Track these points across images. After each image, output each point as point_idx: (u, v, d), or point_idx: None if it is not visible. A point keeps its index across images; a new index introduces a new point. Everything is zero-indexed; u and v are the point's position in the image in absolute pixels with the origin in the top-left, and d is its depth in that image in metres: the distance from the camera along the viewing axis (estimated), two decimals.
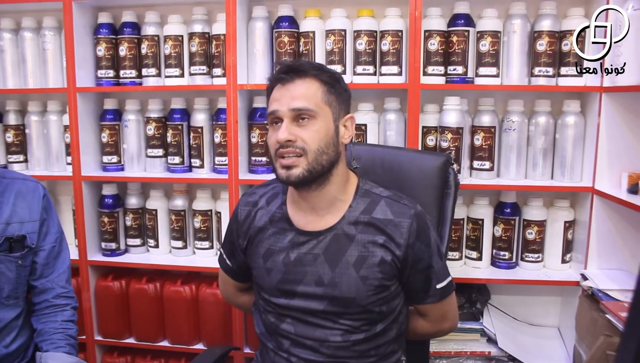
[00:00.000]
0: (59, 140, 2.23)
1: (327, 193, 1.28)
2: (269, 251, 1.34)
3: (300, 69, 1.24)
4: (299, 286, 1.30)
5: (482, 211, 1.99)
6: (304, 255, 1.30)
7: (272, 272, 1.33)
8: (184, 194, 2.19)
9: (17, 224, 1.44)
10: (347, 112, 1.30)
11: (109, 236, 2.20)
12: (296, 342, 1.32)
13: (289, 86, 1.23)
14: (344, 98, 1.29)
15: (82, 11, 2.10)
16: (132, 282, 2.20)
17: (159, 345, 2.21)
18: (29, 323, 1.52)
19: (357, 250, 1.27)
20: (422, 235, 1.28)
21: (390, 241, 1.26)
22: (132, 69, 2.13)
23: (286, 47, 1.97)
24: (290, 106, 1.21)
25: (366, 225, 1.28)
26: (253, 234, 1.38)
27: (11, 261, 1.43)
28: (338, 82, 1.28)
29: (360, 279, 1.26)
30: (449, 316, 1.41)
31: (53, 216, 1.54)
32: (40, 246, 1.49)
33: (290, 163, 1.21)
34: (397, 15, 1.92)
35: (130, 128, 2.16)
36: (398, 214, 1.28)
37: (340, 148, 1.28)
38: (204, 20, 2.07)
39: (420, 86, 1.86)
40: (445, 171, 1.53)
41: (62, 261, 1.54)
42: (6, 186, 1.46)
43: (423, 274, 1.31)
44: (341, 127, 1.27)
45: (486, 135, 1.91)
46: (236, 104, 1.96)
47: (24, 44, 2.18)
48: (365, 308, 1.28)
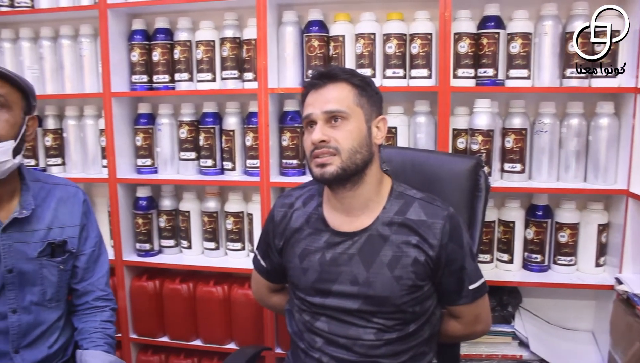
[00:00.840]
0: (95, 144, 2.29)
1: (361, 194, 1.32)
2: (305, 251, 1.38)
3: (332, 74, 1.30)
4: (334, 286, 1.33)
5: (514, 213, 1.98)
6: (339, 255, 1.33)
7: (308, 272, 1.36)
8: (216, 197, 2.23)
9: (58, 229, 1.49)
10: (379, 114, 1.35)
11: (143, 237, 2.25)
12: (329, 340, 1.34)
13: (322, 91, 1.29)
14: (375, 101, 1.33)
15: (117, 18, 2.16)
16: (166, 282, 2.25)
17: (192, 344, 2.25)
18: (69, 323, 1.57)
19: (391, 250, 1.30)
20: (455, 236, 1.31)
21: (424, 242, 1.29)
22: (165, 74, 2.17)
23: (316, 51, 1.98)
24: (323, 109, 1.27)
25: (400, 226, 1.31)
26: (289, 234, 1.42)
27: (53, 266, 1.48)
28: (369, 85, 1.33)
29: (394, 279, 1.29)
30: (482, 319, 1.42)
31: (92, 220, 1.59)
32: (81, 251, 1.54)
33: (324, 161, 1.26)
34: (426, 18, 1.92)
35: (163, 132, 2.21)
36: (431, 215, 1.31)
37: (374, 148, 1.32)
38: (235, 26, 2.10)
39: (450, 89, 1.86)
40: (476, 173, 1.54)
41: (102, 264, 1.59)
42: (48, 192, 1.51)
43: (456, 275, 1.33)
44: (373, 128, 1.32)
45: (517, 137, 1.90)
46: (267, 107, 1.99)
47: (62, 51, 2.25)
48: (399, 308, 1.30)
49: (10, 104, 1.34)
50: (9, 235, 1.41)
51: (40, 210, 1.47)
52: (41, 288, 1.47)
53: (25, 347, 1.45)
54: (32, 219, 1.45)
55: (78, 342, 1.54)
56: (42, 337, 1.48)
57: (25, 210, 1.43)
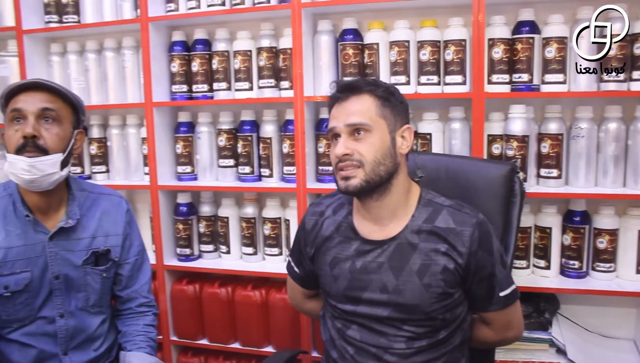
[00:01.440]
0: (137, 152, 2.37)
1: (388, 203, 1.33)
2: (335, 259, 1.39)
3: (354, 86, 1.31)
4: (364, 293, 1.34)
5: (550, 219, 1.96)
6: (369, 263, 1.34)
7: (338, 279, 1.38)
8: (254, 203, 2.27)
9: (102, 238, 1.55)
10: (405, 123, 1.35)
11: (183, 242, 2.31)
12: (361, 348, 1.36)
13: (345, 104, 1.31)
14: (399, 110, 1.33)
15: (158, 31, 2.23)
16: (205, 286, 2.30)
17: (231, 346, 2.29)
18: (113, 327, 1.63)
19: (420, 258, 1.30)
20: (484, 243, 1.30)
21: (453, 250, 1.29)
22: (204, 84, 2.23)
23: (351, 59, 2.01)
24: (346, 122, 1.28)
25: (429, 234, 1.31)
26: (320, 242, 1.44)
27: (96, 274, 1.53)
28: (392, 95, 1.33)
29: (423, 287, 1.30)
30: (514, 325, 1.42)
31: (135, 229, 1.64)
32: (124, 259, 1.59)
33: (348, 174, 1.28)
34: (460, 24, 1.93)
35: (202, 140, 2.27)
36: (460, 223, 1.31)
37: (399, 159, 1.32)
38: (271, 35, 2.15)
39: (485, 95, 1.86)
40: (511, 179, 1.54)
41: (144, 272, 1.65)
42: (93, 201, 1.57)
43: (486, 282, 1.33)
44: (398, 138, 1.32)
45: (553, 143, 1.88)
46: (303, 115, 2.03)
47: (106, 63, 2.33)
48: (429, 315, 1.31)
49: (61, 118, 1.41)
50: (56, 243, 1.47)
51: (85, 219, 1.53)
52: (85, 295, 1.52)
53: (72, 349, 1.51)
54: (77, 228, 1.50)
55: (122, 344, 1.60)
56: (87, 341, 1.54)
57: (71, 219, 1.49)
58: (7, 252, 1.42)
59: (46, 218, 1.48)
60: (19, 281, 1.43)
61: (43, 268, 1.46)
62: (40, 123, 1.38)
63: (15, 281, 1.42)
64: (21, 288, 1.43)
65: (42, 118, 1.39)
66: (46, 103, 1.39)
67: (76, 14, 2.33)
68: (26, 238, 1.44)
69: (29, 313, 1.45)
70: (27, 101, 1.38)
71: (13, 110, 1.38)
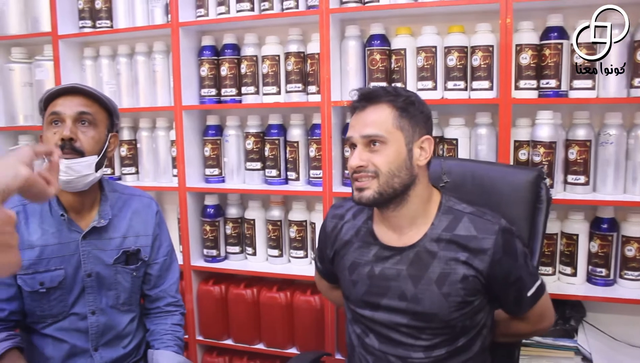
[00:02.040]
0: (166, 154, 2.41)
1: (406, 213, 1.32)
2: (354, 264, 1.39)
3: (372, 96, 1.30)
4: (383, 300, 1.34)
5: (577, 226, 1.94)
6: (387, 270, 1.34)
7: (357, 284, 1.38)
8: (280, 206, 2.30)
9: (132, 238, 1.58)
10: (425, 134, 1.32)
11: (210, 243, 2.34)
12: (380, 358, 1.36)
13: (362, 114, 1.30)
14: (419, 120, 1.31)
15: (188, 36, 2.27)
16: (231, 287, 2.33)
17: (255, 347, 2.32)
18: (142, 325, 1.67)
19: (439, 267, 1.29)
20: (508, 250, 1.29)
21: (474, 258, 1.28)
22: (233, 88, 2.26)
23: (378, 64, 2.03)
24: (362, 133, 1.28)
25: (448, 242, 1.30)
26: (339, 246, 1.44)
27: (127, 273, 1.57)
28: (412, 104, 1.30)
29: (442, 296, 1.28)
30: (546, 316, 1.43)
31: (165, 230, 1.68)
32: (154, 259, 1.63)
33: (362, 186, 1.28)
34: (487, 30, 1.93)
35: (230, 143, 2.30)
36: (482, 230, 1.29)
37: (416, 171, 1.30)
38: (299, 40, 2.17)
39: (512, 101, 1.86)
40: (537, 185, 1.53)
41: (173, 273, 1.68)
42: (124, 202, 1.61)
43: (514, 287, 1.32)
44: (416, 149, 1.30)
45: (581, 149, 1.87)
46: (330, 119, 2.05)
47: (137, 67, 2.39)
48: (448, 324, 1.30)
49: (97, 122, 1.46)
50: (89, 242, 1.51)
51: (116, 220, 1.57)
52: (115, 293, 1.56)
53: (103, 345, 1.55)
54: (109, 228, 1.54)
55: (150, 342, 1.64)
56: (117, 338, 1.57)
57: (103, 219, 1.53)
58: (43, 250, 1.46)
59: (80, 217, 1.52)
60: (54, 278, 1.47)
61: (76, 266, 1.50)
62: (77, 126, 1.43)
63: (50, 278, 1.47)
64: (55, 285, 1.47)
65: (79, 121, 1.43)
66: (83, 107, 1.44)
67: (109, 19, 2.40)
68: (61, 236, 1.49)
69: (62, 310, 1.49)
70: (65, 105, 1.43)
71: (52, 113, 1.43)
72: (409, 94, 1.32)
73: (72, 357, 1.51)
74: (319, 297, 2.19)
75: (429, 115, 1.34)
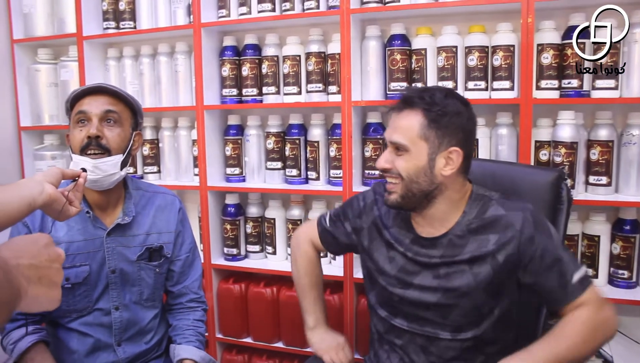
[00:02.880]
0: (188, 153, 2.44)
1: (434, 213, 1.37)
2: (391, 243, 1.44)
3: (409, 101, 1.33)
4: (416, 278, 1.39)
5: (599, 227, 1.93)
6: (422, 256, 1.39)
7: (393, 261, 1.43)
8: (300, 205, 2.31)
9: (155, 235, 1.61)
10: (455, 146, 1.31)
11: (230, 242, 2.36)
12: (407, 341, 1.41)
13: (397, 117, 1.34)
14: (448, 131, 1.30)
15: (209, 36, 2.29)
16: (251, 286, 2.35)
17: (274, 346, 2.33)
18: (164, 321, 1.69)
19: (471, 249, 1.33)
20: (540, 226, 1.31)
21: (504, 237, 1.31)
22: (254, 88, 2.28)
23: (398, 64, 2.03)
24: (390, 138, 1.34)
25: (479, 226, 1.34)
26: (379, 220, 1.48)
27: (150, 269, 1.60)
28: (444, 116, 1.29)
29: (472, 275, 1.32)
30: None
31: (187, 228, 1.70)
32: (176, 256, 1.66)
33: (390, 188, 1.35)
34: (509, 30, 1.92)
35: (251, 142, 2.32)
36: (510, 208, 1.34)
37: (439, 179, 1.32)
38: (320, 41, 2.18)
39: (533, 101, 1.86)
40: (558, 186, 1.53)
41: (195, 269, 1.71)
42: (148, 200, 1.63)
43: (554, 269, 1.29)
44: (440, 159, 1.31)
45: (603, 149, 1.86)
46: (350, 119, 2.06)
47: (160, 67, 2.42)
48: (475, 304, 1.33)
49: (122, 120, 1.49)
50: (113, 238, 1.54)
51: (140, 217, 1.59)
52: (139, 289, 1.58)
53: (126, 340, 1.57)
54: (133, 225, 1.57)
55: (172, 337, 1.66)
56: (140, 333, 1.60)
57: (127, 216, 1.55)
58: (69, 246, 1.49)
59: (104, 214, 1.55)
60: (79, 274, 1.50)
61: (101, 262, 1.53)
62: (102, 125, 1.46)
63: (75, 274, 1.50)
64: (80, 281, 1.50)
65: (104, 120, 1.46)
66: (109, 106, 1.47)
67: (132, 20, 2.43)
68: (86, 233, 1.52)
69: (86, 305, 1.52)
70: (91, 104, 1.46)
71: (78, 113, 1.46)
72: (446, 103, 1.31)
73: (96, 351, 1.53)
74: (338, 296, 2.20)
75: (464, 127, 1.33)
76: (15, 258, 0.74)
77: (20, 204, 1.05)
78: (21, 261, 0.75)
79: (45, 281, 0.78)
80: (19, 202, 1.05)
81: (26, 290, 0.74)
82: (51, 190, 1.13)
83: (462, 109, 1.32)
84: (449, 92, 1.36)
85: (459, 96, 1.37)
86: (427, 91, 1.34)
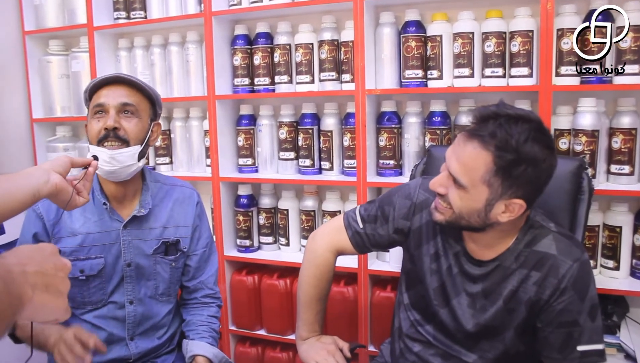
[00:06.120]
0: (199, 144, 2.42)
1: (483, 238, 1.28)
2: (437, 254, 1.37)
3: (480, 134, 1.14)
4: (453, 299, 1.33)
5: (621, 217, 1.88)
6: (464, 275, 1.33)
7: (435, 274, 1.37)
8: (314, 196, 2.28)
9: (172, 229, 1.59)
10: (520, 197, 1.17)
11: (243, 233, 2.34)
12: (426, 348, 1.38)
13: (462, 145, 1.18)
14: (517, 182, 1.15)
15: (221, 25, 2.26)
16: (264, 277, 2.33)
17: (288, 338, 2.32)
18: (177, 316, 1.68)
19: (512, 284, 1.26)
20: (579, 284, 1.22)
21: (545, 279, 1.23)
22: (266, 77, 2.25)
23: (413, 51, 1.99)
24: (450, 168, 1.20)
25: (527, 259, 1.26)
26: (424, 223, 1.40)
27: (166, 263, 1.58)
28: (519, 166, 1.13)
29: (506, 311, 1.27)
30: None
31: (205, 222, 1.68)
32: (193, 251, 1.63)
33: (439, 208, 1.25)
34: (527, 14, 1.87)
35: (264, 132, 2.29)
36: (563, 252, 1.24)
37: (492, 220, 1.20)
38: (333, 28, 2.14)
39: (552, 88, 1.80)
40: (579, 176, 1.49)
41: (211, 264, 1.69)
42: (166, 193, 1.61)
43: (565, 329, 1.23)
44: (499, 205, 1.18)
45: (626, 137, 1.80)
46: (364, 108, 2.02)
47: (171, 57, 2.39)
48: (504, 340, 1.30)
49: (140, 111, 1.47)
50: (129, 231, 1.52)
51: (157, 210, 1.57)
52: (154, 283, 1.57)
53: (139, 335, 1.56)
54: (149, 218, 1.55)
55: (185, 332, 1.64)
56: (153, 328, 1.59)
57: (144, 209, 1.53)
58: (85, 238, 1.48)
59: (121, 206, 1.54)
60: (94, 266, 1.49)
61: (116, 255, 1.51)
62: (120, 116, 1.44)
63: (90, 266, 1.48)
64: (95, 273, 1.49)
65: (122, 112, 1.44)
66: (126, 98, 1.45)
67: (143, 10, 2.41)
68: (102, 225, 1.50)
69: (101, 297, 1.51)
70: (109, 96, 1.44)
71: (96, 105, 1.45)
72: (524, 149, 1.12)
73: (109, 344, 1.52)
74: (352, 288, 2.17)
75: (537, 179, 1.17)
76: (21, 265, 0.73)
77: (24, 194, 1.04)
78: (27, 268, 0.74)
79: (52, 290, 0.77)
80: (24, 192, 1.04)
81: (31, 297, 0.73)
82: (57, 180, 1.10)
83: (542, 156, 1.14)
84: (534, 131, 1.13)
85: (543, 138, 1.15)
86: (506, 124, 1.12)
